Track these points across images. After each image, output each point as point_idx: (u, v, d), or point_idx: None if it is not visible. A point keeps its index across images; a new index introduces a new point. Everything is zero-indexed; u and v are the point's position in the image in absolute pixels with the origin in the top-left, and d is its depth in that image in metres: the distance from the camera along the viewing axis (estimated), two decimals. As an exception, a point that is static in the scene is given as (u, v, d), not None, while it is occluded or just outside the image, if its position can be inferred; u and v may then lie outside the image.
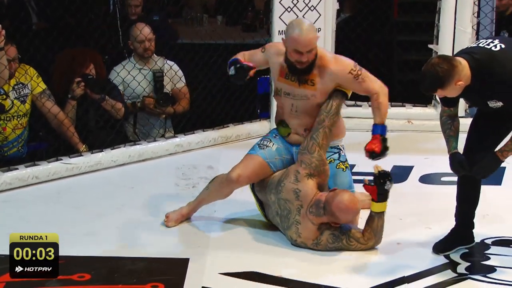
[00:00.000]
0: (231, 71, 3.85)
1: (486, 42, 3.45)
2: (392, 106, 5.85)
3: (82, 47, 5.57)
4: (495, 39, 3.46)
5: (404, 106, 5.89)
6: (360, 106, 5.79)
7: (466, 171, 3.54)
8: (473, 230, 3.74)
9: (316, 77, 3.83)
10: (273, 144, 3.96)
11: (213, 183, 4.02)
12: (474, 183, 3.64)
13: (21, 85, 4.87)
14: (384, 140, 3.84)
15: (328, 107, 3.83)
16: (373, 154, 3.81)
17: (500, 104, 3.41)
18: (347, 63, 3.85)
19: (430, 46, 5.84)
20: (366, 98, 4.08)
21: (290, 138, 3.96)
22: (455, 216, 3.72)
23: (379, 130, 3.87)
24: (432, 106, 5.81)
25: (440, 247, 3.70)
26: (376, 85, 3.88)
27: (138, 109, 5.36)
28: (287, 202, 3.77)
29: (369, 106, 5.80)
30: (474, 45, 3.52)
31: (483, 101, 3.47)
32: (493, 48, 3.39)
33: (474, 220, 3.73)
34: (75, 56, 5.21)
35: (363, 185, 3.71)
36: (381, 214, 3.70)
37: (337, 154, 3.99)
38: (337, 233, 3.72)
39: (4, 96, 4.80)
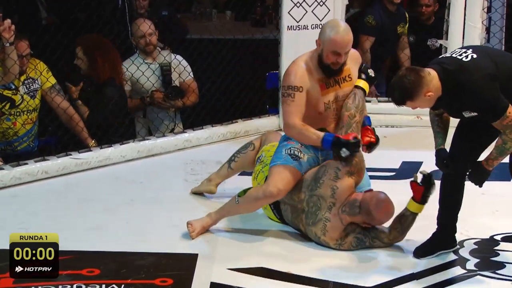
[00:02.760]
0: (344, 153, 3.66)
1: (459, 52, 3.43)
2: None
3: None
4: (469, 49, 3.43)
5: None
6: (369, 101, 5.77)
7: (449, 169, 3.53)
8: (456, 234, 3.69)
9: (351, 70, 3.85)
10: (304, 154, 3.82)
11: (246, 198, 3.80)
12: (456, 186, 3.59)
13: (31, 79, 4.89)
14: (374, 130, 3.86)
15: (356, 101, 3.81)
16: (371, 145, 3.81)
17: (474, 114, 3.38)
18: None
19: (440, 41, 5.82)
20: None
21: None
22: (437, 219, 3.66)
23: (367, 121, 3.88)
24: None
25: (421, 251, 3.65)
26: None
27: (148, 104, 5.36)
28: (320, 198, 3.72)
29: (378, 101, 5.83)
30: (448, 55, 3.50)
31: (458, 112, 3.45)
32: (463, 59, 3.36)
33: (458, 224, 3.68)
34: (104, 43, 5.21)
35: (411, 182, 3.65)
36: (416, 215, 3.67)
37: None
38: (361, 236, 3.70)
39: (15, 91, 4.82)
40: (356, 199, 3.68)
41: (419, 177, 3.65)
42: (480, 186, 3.55)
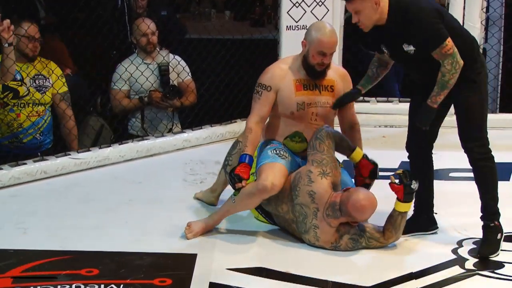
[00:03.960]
0: (231, 178, 3.73)
1: None
2: (400, 101, 5.85)
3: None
4: None
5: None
6: (368, 101, 5.77)
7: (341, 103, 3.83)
8: (435, 220, 3.82)
9: (335, 82, 3.88)
10: (287, 156, 3.84)
11: (240, 195, 3.76)
12: (423, 169, 3.77)
13: (41, 76, 4.93)
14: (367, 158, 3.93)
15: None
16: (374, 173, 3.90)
17: (412, 49, 3.52)
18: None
19: None
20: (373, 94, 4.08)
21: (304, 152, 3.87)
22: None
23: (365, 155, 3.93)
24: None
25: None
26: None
27: (146, 104, 5.36)
28: (303, 206, 3.72)
29: (377, 101, 5.81)
30: None
31: (398, 45, 3.56)
32: None
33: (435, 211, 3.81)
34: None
35: (389, 183, 3.67)
36: (405, 213, 3.68)
37: None
38: (356, 237, 3.69)
39: (20, 83, 4.83)
40: (335, 201, 3.65)
41: (395, 177, 3.67)
42: (426, 127, 3.64)
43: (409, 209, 3.70)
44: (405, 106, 5.70)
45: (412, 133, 3.83)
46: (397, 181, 3.66)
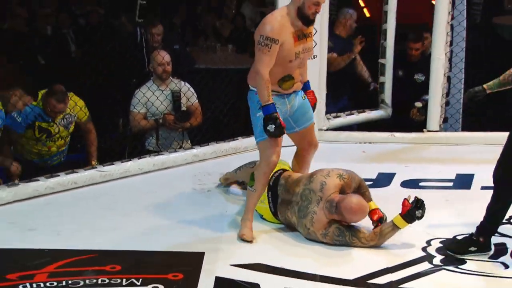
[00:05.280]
0: (271, 128, 3.65)
1: None
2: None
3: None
4: None
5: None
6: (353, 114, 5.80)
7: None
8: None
9: (312, 30, 3.83)
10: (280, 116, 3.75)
11: (257, 180, 3.79)
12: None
13: (68, 115, 4.94)
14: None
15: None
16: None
17: None
18: None
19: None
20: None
21: (294, 87, 3.83)
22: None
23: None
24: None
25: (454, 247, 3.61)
26: None
27: (161, 125, 5.39)
28: (311, 192, 3.72)
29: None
30: None
31: None
32: None
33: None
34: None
35: (404, 199, 3.61)
36: (397, 229, 3.63)
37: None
38: (342, 228, 3.67)
39: (52, 123, 4.86)
40: (334, 199, 3.67)
41: (412, 197, 3.63)
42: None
43: (402, 228, 3.62)
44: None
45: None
46: (410, 201, 3.61)
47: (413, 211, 3.58)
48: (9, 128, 4.71)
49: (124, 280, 3.34)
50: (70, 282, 3.31)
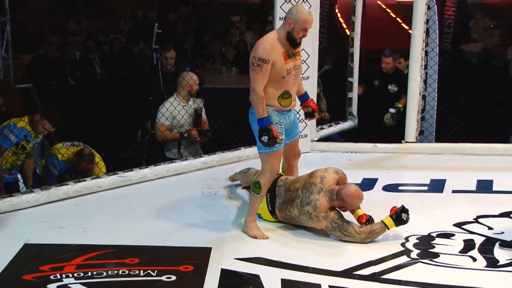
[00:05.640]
0: (264, 138, 3.64)
1: None
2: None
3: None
4: None
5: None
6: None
7: None
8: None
9: (300, 48, 3.82)
10: (282, 133, 3.78)
11: (263, 186, 3.78)
12: None
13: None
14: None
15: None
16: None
17: None
18: None
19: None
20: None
21: (292, 105, 3.83)
22: None
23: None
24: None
25: None
26: None
27: (184, 137, 5.39)
28: (312, 185, 3.74)
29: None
30: None
31: None
32: None
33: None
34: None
35: (392, 207, 3.70)
36: (385, 228, 3.68)
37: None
38: (340, 214, 3.72)
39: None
40: (334, 189, 3.72)
41: (399, 205, 3.71)
42: None
43: (390, 228, 3.66)
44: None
45: None
46: (398, 206, 3.70)
47: (399, 213, 3.66)
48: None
49: (142, 271, 3.34)
50: (95, 273, 3.31)
